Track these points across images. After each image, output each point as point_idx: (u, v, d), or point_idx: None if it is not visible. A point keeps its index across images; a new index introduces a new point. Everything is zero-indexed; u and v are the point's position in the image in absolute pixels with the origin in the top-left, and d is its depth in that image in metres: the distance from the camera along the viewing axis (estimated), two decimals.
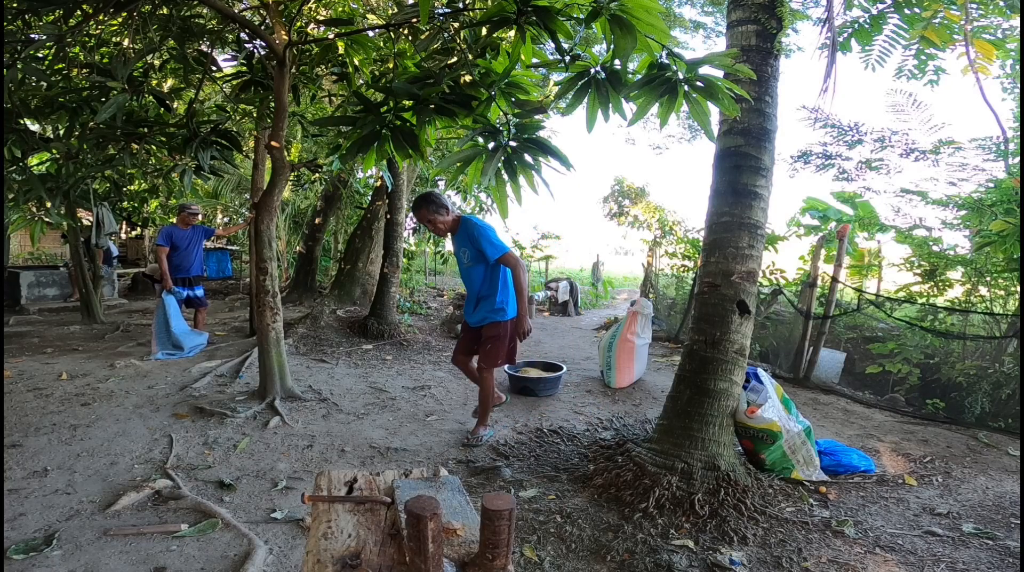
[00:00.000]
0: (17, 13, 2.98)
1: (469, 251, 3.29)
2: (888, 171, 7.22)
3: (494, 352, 3.37)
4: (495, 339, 3.36)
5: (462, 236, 3.32)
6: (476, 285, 3.37)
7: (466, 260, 3.34)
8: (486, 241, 3.22)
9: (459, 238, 3.34)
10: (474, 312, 3.44)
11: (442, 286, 12.05)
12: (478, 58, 2.27)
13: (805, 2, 4.69)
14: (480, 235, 3.21)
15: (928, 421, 4.26)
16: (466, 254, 3.32)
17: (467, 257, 3.32)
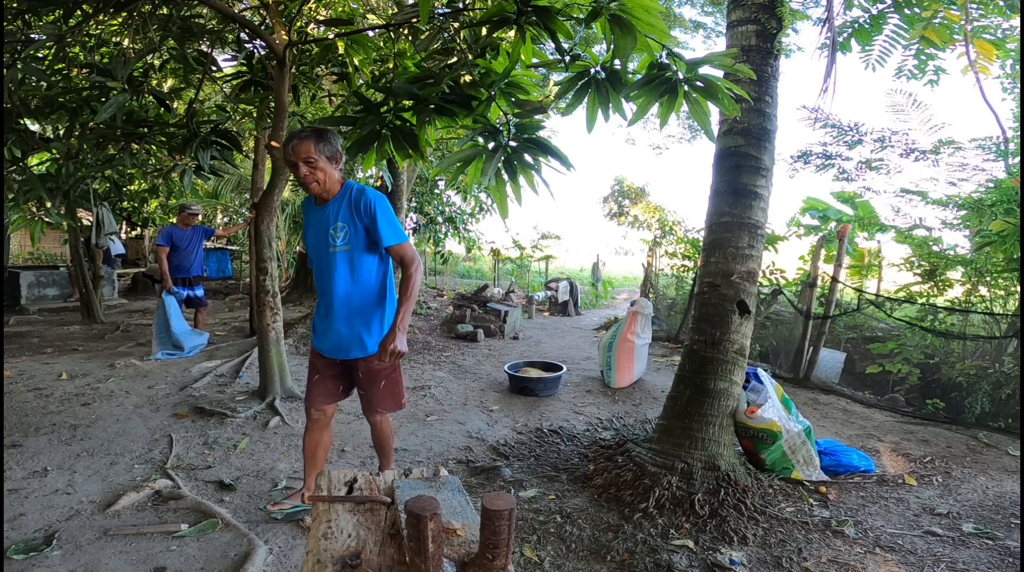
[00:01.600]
0: (17, 13, 2.98)
1: (348, 230, 2.19)
2: (888, 171, 7.22)
3: (394, 389, 2.35)
4: (388, 372, 2.31)
5: (341, 206, 2.21)
6: (345, 285, 2.21)
7: (336, 242, 2.19)
8: (385, 218, 2.16)
9: (333, 208, 2.22)
10: (339, 332, 2.24)
11: (442, 286, 12.05)
12: (478, 58, 2.27)
13: (805, 2, 4.69)
14: (377, 209, 2.16)
15: (928, 421, 4.26)
16: (339, 234, 2.20)
17: (340, 238, 2.19)
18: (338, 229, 2.18)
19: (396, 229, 2.18)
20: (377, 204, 2.15)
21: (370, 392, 2.33)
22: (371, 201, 2.15)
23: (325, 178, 2.15)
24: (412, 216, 9.95)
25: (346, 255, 2.19)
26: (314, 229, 2.27)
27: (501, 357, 6.02)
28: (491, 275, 13.97)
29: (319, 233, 2.23)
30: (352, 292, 2.21)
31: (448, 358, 5.89)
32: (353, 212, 2.17)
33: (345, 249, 2.18)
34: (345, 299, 2.21)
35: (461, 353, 6.17)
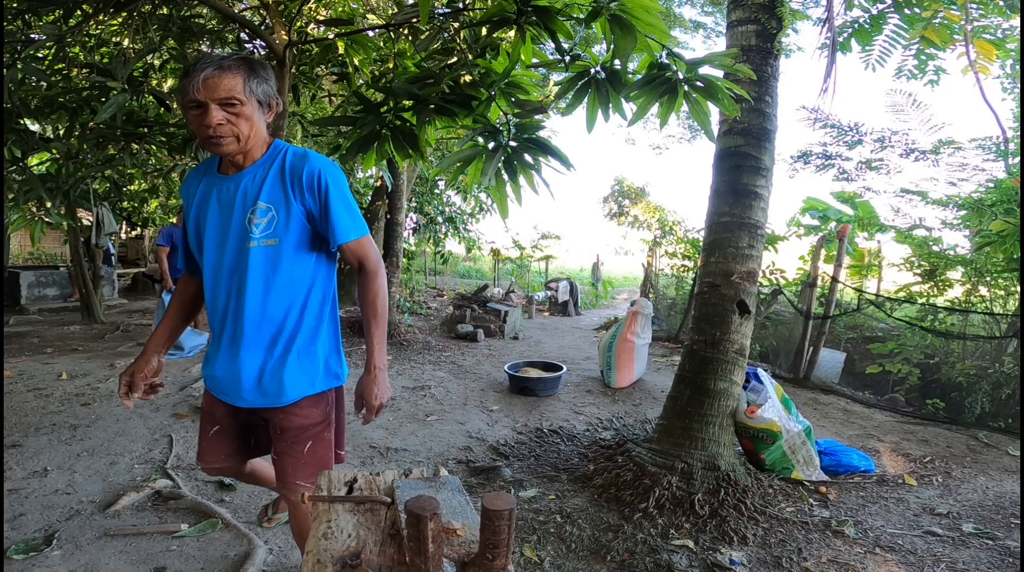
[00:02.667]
0: (17, 13, 2.98)
1: (275, 215, 1.42)
2: (888, 171, 7.23)
3: (325, 452, 1.57)
4: (317, 430, 1.54)
5: (267, 177, 1.43)
6: (261, 298, 1.44)
7: (254, 233, 1.42)
8: (343, 201, 1.45)
9: (250, 180, 1.44)
10: (245, 367, 1.46)
11: (442, 286, 12.06)
12: (478, 58, 2.27)
13: (805, 2, 4.70)
14: (331, 186, 1.43)
15: (928, 421, 4.26)
16: (260, 219, 1.42)
17: (261, 227, 1.41)
18: (258, 212, 1.38)
19: (357, 218, 1.46)
20: (332, 179, 1.41)
21: (288, 458, 1.51)
22: (323, 173, 1.39)
23: (250, 133, 1.36)
24: (412, 216, 9.95)
25: (269, 253, 1.39)
26: (212, 211, 1.44)
27: (501, 357, 6.02)
28: (491, 275, 13.97)
29: (222, 218, 1.42)
30: (272, 310, 1.42)
31: (448, 358, 5.89)
32: (289, 187, 1.39)
33: (268, 243, 1.39)
34: (259, 319, 1.42)
35: (461, 353, 6.17)
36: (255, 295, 1.42)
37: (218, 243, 1.45)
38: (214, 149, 1.36)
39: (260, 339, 1.45)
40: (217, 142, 1.34)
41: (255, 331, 1.44)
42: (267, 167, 1.44)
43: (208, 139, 1.33)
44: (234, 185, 1.44)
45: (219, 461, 1.63)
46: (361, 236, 1.47)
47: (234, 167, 1.45)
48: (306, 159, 1.42)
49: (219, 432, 1.61)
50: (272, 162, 1.44)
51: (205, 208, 1.47)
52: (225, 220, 1.44)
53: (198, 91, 1.31)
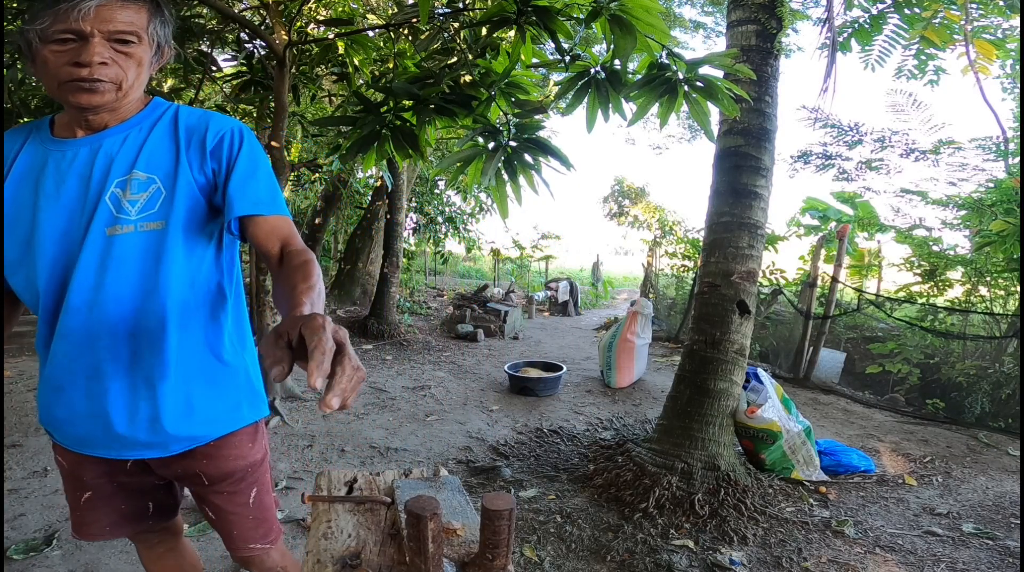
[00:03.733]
0: (17, 13, 2.98)
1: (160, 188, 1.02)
2: (888, 171, 7.23)
3: (268, 504, 1.25)
4: (260, 472, 1.22)
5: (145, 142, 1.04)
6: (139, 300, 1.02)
7: (127, 214, 1.00)
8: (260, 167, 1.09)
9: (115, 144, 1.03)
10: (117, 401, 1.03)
11: (442, 286, 12.06)
12: (478, 58, 2.27)
13: (805, 2, 4.70)
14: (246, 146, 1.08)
15: (928, 421, 4.26)
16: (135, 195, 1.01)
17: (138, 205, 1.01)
18: (133, 185, 1.00)
19: (278, 195, 1.08)
20: (250, 141, 1.08)
21: (231, 515, 1.18)
22: (237, 133, 1.07)
23: (135, 81, 1.01)
24: (412, 216, 9.96)
25: (150, 241, 1.01)
26: (45, 190, 1.00)
27: (501, 357, 6.02)
28: (491, 275, 13.97)
29: (65, 197, 1.00)
30: (156, 318, 1.02)
31: (448, 358, 5.89)
32: (184, 152, 1.04)
33: (149, 227, 1.01)
34: (137, 333, 1.02)
35: (461, 353, 6.17)
36: (129, 300, 1.00)
37: (60, 233, 0.99)
38: (79, 98, 0.94)
39: (141, 361, 1.02)
40: (91, 88, 0.94)
41: (129, 351, 1.01)
42: (145, 127, 1.04)
43: (73, 83, 0.93)
44: (87, 150, 1.01)
45: (103, 533, 1.19)
46: (283, 213, 1.07)
47: (85, 127, 1.02)
48: (210, 118, 1.07)
49: (93, 499, 1.15)
50: (155, 121, 1.05)
51: (31, 186, 1.00)
52: (71, 200, 0.99)
53: (83, 18, 0.92)
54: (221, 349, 1.12)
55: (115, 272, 1.00)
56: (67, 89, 0.95)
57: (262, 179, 1.07)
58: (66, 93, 0.96)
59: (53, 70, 0.94)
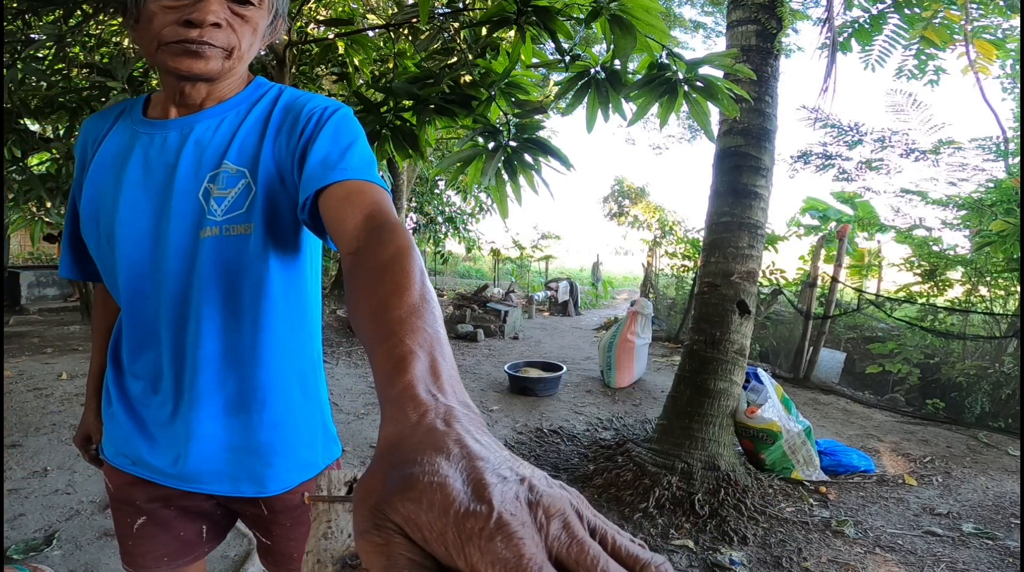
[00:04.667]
0: (17, 13, 2.98)
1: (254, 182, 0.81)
2: (888, 171, 7.24)
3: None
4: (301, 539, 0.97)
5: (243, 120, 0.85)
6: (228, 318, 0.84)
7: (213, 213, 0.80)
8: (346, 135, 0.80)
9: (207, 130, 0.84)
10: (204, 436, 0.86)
11: (442, 286, 12.05)
12: (478, 58, 2.27)
13: (805, 2, 4.70)
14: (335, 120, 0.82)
15: (928, 421, 4.26)
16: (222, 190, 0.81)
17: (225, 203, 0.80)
18: (221, 178, 0.82)
19: (369, 161, 0.80)
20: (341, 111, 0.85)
21: (290, 542, 1.01)
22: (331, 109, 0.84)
23: (246, 51, 0.84)
24: (412, 216, 9.96)
25: (235, 247, 0.82)
26: (130, 178, 0.84)
27: (501, 357, 6.02)
28: (491, 275, 13.98)
29: (152, 189, 0.83)
30: (247, 341, 0.86)
31: None
32: (269, 137, 0.83)
33: (235, 231, 0.82)
34: (226, 359, 0.86)
35: (461, 353, 6.17)
36: (217, 318, 0.83)
37: (145, 231, 0.83)
38: (181, 62, 0.77)
39: (227, 392, 0.86)
40: (198, 51, 0.77)
41: (217, 380, 0.85)
42: (244, 110, 0.86)
43: (178, 45, 0.76)
44: (177, 134, 0.84)
45: (159, 565, 1.01)
46: (367, 177, 0.76)
47: (179, 105, 0.86)
48: (312, 97, 0.88)
49: (148, 525, 0.98)
50: (254, 103, 0.87)
51: (115, 174, 0.84)
52: (159, 192, 0.82)
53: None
54: (310, 381, 0.94)
55: (205, 282, 0.82)
56: (168, 52, 0.77)
57: (352, 146, 0.80)
58: (167, 57, 0.78)
59: (157, 28, 0.77)
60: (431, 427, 0.32)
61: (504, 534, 0.25)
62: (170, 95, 0.86)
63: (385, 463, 0.30)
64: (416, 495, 0.27)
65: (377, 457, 0.32)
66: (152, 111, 0.90)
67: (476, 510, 0.26)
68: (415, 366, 0.40)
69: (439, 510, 0.26)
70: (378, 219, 0.67)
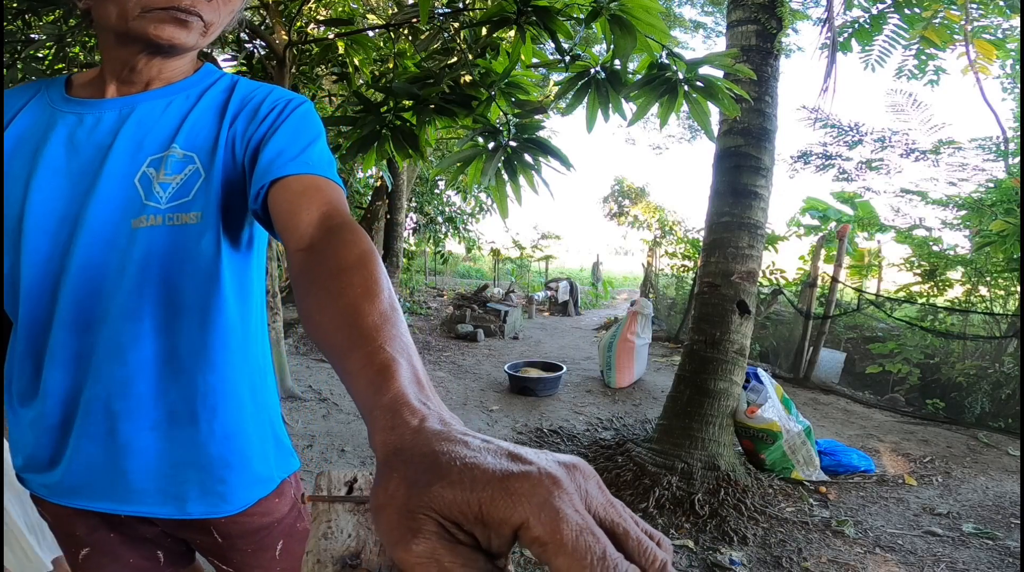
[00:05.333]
0: (17, 13, 2.98)
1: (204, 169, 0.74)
2: (888, 171, 7.25)
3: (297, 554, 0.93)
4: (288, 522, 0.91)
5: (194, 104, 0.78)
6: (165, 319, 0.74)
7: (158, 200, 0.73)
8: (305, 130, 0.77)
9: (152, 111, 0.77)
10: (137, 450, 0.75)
11: (442, 286, 12.06)
12: (478, 58, 2.27)
13: (805, 2, 4.71)
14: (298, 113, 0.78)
15: (928, 421, 4.26)
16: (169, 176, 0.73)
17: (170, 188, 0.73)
18: (168, 163, 0.74)
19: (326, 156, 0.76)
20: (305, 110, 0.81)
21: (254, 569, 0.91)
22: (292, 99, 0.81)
23: (218, 27, 0.77)
24: (412, 216, 9.96)
25: (180, 237, 0.74)
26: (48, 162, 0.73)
27: (501, 357, 6.02)
28: (491, 275, 13.98)
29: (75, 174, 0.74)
30: (188, 344, 0.76)
31: (448, 358, 5.89)
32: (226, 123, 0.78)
33: (181, 221, 0.74)
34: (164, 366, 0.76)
35: (461, 353, 6.17)
36: (153, 318, 0.74)
37: (65, 219, 0.73)
38: (162, 30, 0.70)
39: (168, 400, 0.76)
40: (185, 20, 0.71)
41: (156, 386, 0.76)
42: (194, 94, 0.80)
43: (164, 12, 0.69)
44: (114, 114, 0.76)
45: None
46: (327, 175, 0.73)
47: (123, 84, 0.78)
48: (274, 89, 0.83)
49: (93, 556, 0.87)
50: (205, 89, 0.81)
51: (28, 155, 0.74)
52: (85, 175, 0.73)
53: None
54: (256, 385, 0.85)
55: (134, 278, 0.73)
56: (152, 18, 0.70)
57: (313, 142, 0.76)
58: (147, 23, 0.70)
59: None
60: (435, 429, 0.33)
61: (557, 486, 0.27)
62: (115, 70, 0.78)
63: (398, 466, 0.30)
64: (455, 477, 0.27)
65: (384, 464, 0.31)
66: (80, 91, 0.81)
67: (521, 471, 0.28)
68: (401, 374, 0.40)
69: (483, 482, 0.27)
70: (336, 218, 0.66)
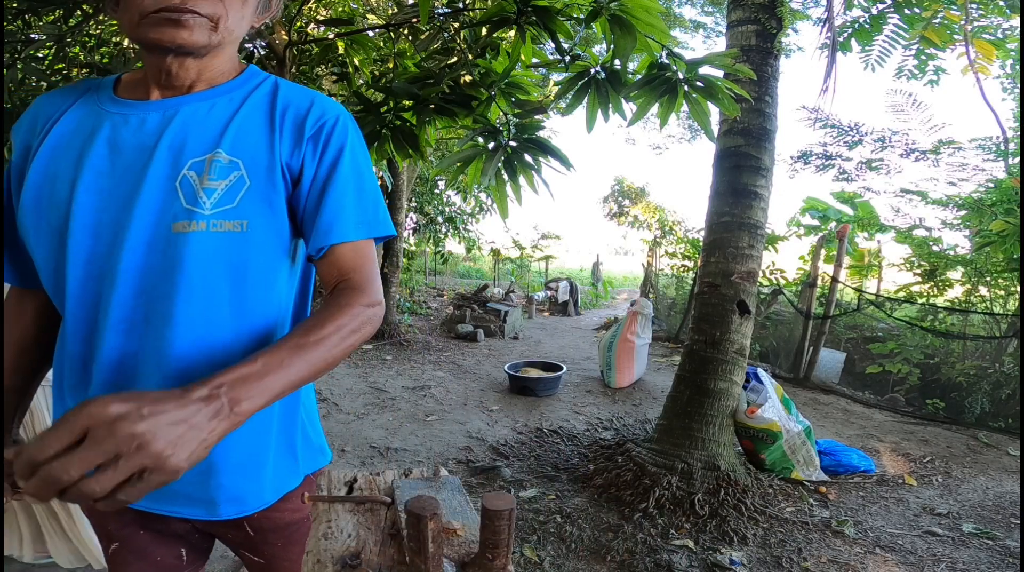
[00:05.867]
0: (17, 13, 2.98)
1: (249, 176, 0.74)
2: (888, 171, 7.24)
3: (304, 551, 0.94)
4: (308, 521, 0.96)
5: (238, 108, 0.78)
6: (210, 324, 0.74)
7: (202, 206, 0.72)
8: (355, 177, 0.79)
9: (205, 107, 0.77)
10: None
11: (442, 286, 12.06)
12: (478, 58, 2.27)
13: (805, 2, 4.70)
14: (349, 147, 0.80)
15: (928, 421, 4.26)
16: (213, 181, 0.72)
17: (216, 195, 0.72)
18: (213, 168, 0.73)
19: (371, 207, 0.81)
20: (353, 137, 0.82)
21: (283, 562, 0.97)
22: (340, 123, 0.81)
23: (235, 26, 0.76)
24: (412, 216, 9.96)
25: (227, 244, 0.74)
26: (92, 164, 0.73)
27: (501, 357, 6.02)
28: (491, 275, 13.98)
29: (118, 177, 0.73)
30: (232, 349, 0.76)
31: (448, 358, 5.89)
32: (278, 135, 0.77)
33: (227, 227, 0.73)
34: (208, 367, 0.74)
35: (461, 353, 6.17)
36: (199, 323, 0.74)
37: (104, 223, 0.72)
38: (162, 33, 0.70)
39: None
40: (179, 20, 0.69)
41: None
42: (238, 97, 0.79)
43: (158, 15, 0.69)
44: (158, 115, 0.75)
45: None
46: (371, 236, 0.80)
47: (164, 86, 0.77)
48: (314, 97, 0.82)
49: (123, 551, 0.91)
50: (250, 91, 0.80)
51: (74, 157, 0.74)
52: (127, 180, 0.72)
53: None
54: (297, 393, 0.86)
55: (183, 282, 0.72)
56: (149, 23, 0.69)
57: (357, 194, 0.79)
58: (147, 29, 0.70)
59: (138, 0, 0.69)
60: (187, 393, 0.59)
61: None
62: (154, 75, 0.77)
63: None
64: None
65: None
66: (128, 92, 0.80)
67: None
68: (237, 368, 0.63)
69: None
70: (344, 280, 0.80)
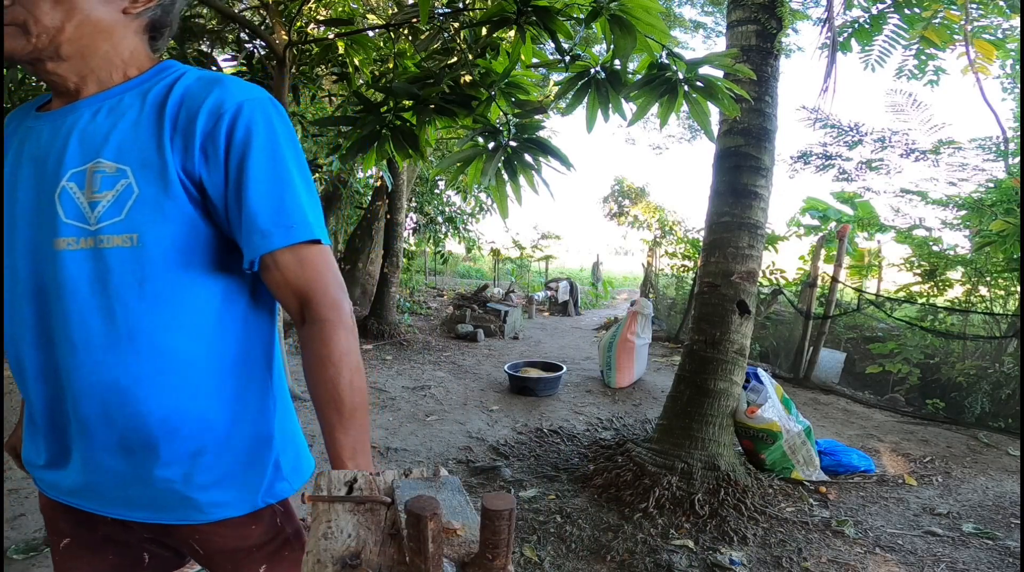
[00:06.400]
0: None
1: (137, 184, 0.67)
2: (888, 171, 7.24)
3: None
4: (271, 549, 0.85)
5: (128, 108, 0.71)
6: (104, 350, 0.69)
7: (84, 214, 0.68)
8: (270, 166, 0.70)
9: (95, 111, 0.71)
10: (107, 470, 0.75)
11: (442, 286, 12.06)
12: (478, 58, 2.27)
13: (805, 2, 4.70)
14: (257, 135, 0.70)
15: (928, 421, 4.26)
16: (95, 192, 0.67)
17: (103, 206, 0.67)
18: (95, 180, 0.67)
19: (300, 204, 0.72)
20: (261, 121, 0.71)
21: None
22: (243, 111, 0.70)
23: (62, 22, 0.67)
24: (412, 216, 9.95)
25: (115, 262, 0.68)
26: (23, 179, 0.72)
27: (501, 357, 6.02)
28: (491, 275, 13.98)
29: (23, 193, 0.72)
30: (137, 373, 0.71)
31: (448, 358, 5.89)
32: (167, 136, 0.69)
33: (117, 243, 0.67)
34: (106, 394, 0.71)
35: (461, 353, 6.17)
36: (99, 347, 0.70)
37: (9, 242, 0.73)
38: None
39: (117, 428, 0.73)
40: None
41: (102, 413, 0.72)
42: (131, 97, 0.72)
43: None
44: (49, 127, 0.73)
45: None
46: (304, 239, 0.72)
47: (59, 96, 0.75)
48: (214, 89, 0.71)
49: (73, 547, 0.86)
50: (147, 90, 0.73)
51: (9, 176, 0.74)
52: (26, 197, 0.71)
53: None
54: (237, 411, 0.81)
55: (66, 306, 0.68)
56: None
57: (288, 187, 0.72)
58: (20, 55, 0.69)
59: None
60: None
61: None
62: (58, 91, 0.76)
63: None
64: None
65: None
66: (48, 105, 0.78)
67: None
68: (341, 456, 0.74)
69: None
70: (315, 305, 0.73)
